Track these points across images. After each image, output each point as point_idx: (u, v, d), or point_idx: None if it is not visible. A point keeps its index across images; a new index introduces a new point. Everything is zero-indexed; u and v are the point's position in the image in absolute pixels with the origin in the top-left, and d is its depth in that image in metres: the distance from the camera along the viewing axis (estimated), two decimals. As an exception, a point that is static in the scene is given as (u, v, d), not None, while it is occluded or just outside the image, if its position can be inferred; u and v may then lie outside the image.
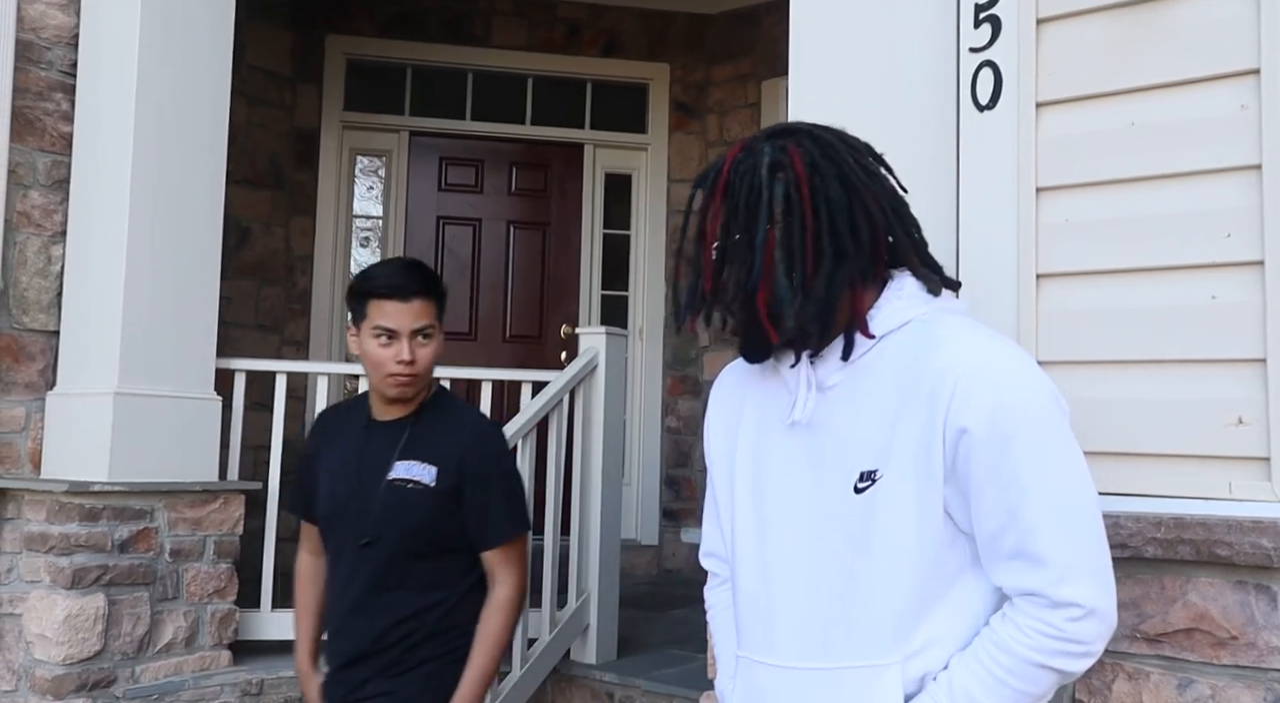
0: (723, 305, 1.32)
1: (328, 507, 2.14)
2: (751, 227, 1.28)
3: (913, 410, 1.26)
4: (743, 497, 1.41)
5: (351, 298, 2.14)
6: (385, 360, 2.07)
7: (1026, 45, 1.83)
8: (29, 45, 3.19)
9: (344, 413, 2.26)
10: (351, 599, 2.10)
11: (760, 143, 1.34)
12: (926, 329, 1.30)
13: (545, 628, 3.54)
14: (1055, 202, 1.82)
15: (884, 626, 1.26)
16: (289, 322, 5.41)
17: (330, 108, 5.53)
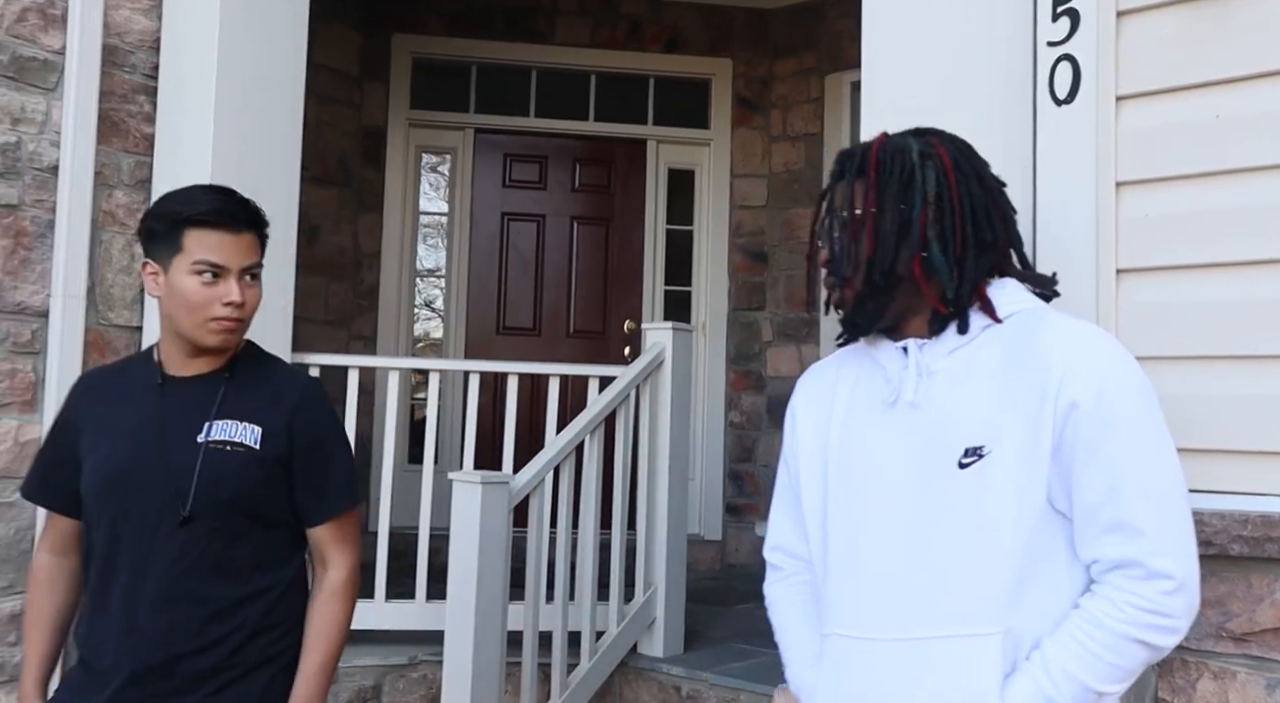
0: (876, 270, 1.40)
1: (107, 481, 1.76)
2: (907, 202, 1.39)
3: (1023, 390, 1.33)
4: (836, 478, 1.46)
5: (156, 225, 1.78)
6: (208, 302, 1.75)
7: (1106, 38, 1.81)
8: (114, 50, 3.29)
9: (116, 374, 1.88)
10: (151, 592, 1.72)
11: (903, 136, 1.46)
12: (1034, 321, 1.39)
13: (613, 621, 3.58)
14: (1136, 196, 1.80)
15: (985, 595, 1.31)
16: (356, 317, 5.51)
17: (397, 106, 5.61)
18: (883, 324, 1.44)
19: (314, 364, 3.80)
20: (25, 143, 3.08)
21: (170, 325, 1.80)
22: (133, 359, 1.93)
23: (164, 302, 1.78)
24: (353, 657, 3.60)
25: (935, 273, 1.39)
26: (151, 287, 1.80)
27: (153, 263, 1.80)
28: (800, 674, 1.53)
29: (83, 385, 1.90)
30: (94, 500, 1.79)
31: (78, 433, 1.82)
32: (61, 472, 1.84)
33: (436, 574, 3.73)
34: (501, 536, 3.10)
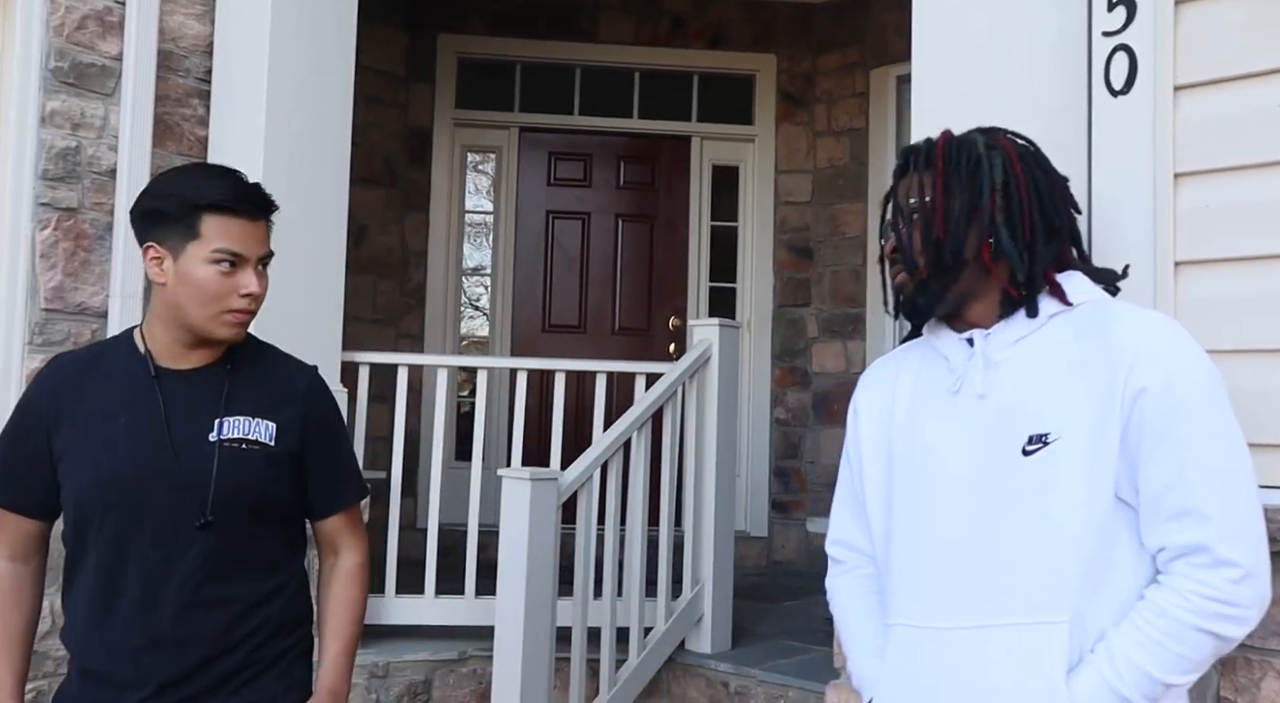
0: (946, 251, 1.41)
1: (108, 484, 1.64)
2: (975, 188, 1.42)
3: (1091, 377, 1.33)
4: (900, 468, 1.47)
5: (167, 207, 1.65)
6: (226, 293, 1.65)
7: (1164, 27, 1.78)
8: (168, 55, 3.35)
9: (90, 363, 1.73)
10: (173, 601, 1.64)
11: (967, 132, 1.49)
12: (1104, 311, 1.40)
13: (661, 617, 3.58)
14: (1194, 187, 1.78)
15: (1052, 584, 1.31)
16: (404, 315, 5.57)
17: (442, 106, 5.66)
18: (945, 308, 1.45)
19: (363, 362, 3.84)
20: (85, 147, 3.15)
21: (173, 314, 1.67)
22: (105, 347, 1.76)
23: (168, 289, 1.66)
24: (403, 652, 3.65)
25: (1004, 256, 1.41)
26: (155, 272, 1.67)
27: (157, 247, 1.66)
28: (862, 665, 1.53)
29: (54, 373, 1.71)
30: (90, 505, 1.64)
31: (52, 427, 1.67)
32: (28, 469, 1.69)
33: (484, 570, 3.76)
34: (550, 532, 3.12)
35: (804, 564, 5.54)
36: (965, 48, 2.12)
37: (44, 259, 3.05)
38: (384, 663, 3.60)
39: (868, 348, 5.54)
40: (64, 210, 3.10)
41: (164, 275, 1.66)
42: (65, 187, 3.11)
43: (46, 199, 3.06)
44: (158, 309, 1.70)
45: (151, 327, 1.71)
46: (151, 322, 1.71)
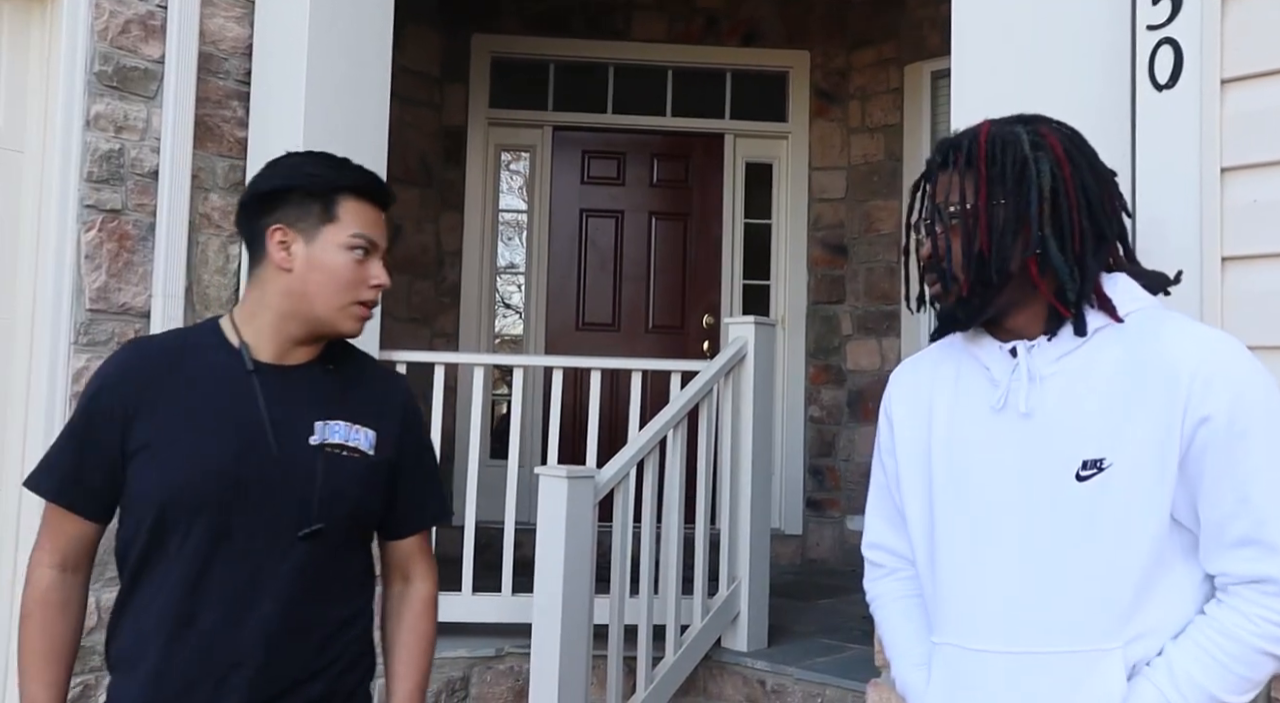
0: (990, 267, 1.33)
1: (202, 484, 1.47)
2: (1021, 196, 1.33)
3: (1146, 400, 1.28)
4: (941, 486, 1.41)
5: (307, 185, 1.53)
6: (358, 282, 1.54)
7: (1211, 20, 1.76)
8: (209, 57, 3.39)
9: (176, 349, 1.55)
10: (267, 620, 1.49)
11: (1010, 125, 1.39)
12: (1154, 323, 1.33)
13: (697, 615, 3.59)
14: (1242, 181, 1.75)
15: (1106, 611, 1.27)
16: (439, 315, 5.60)
17: (476, 106, 5.69)
18: (985, 318, 1.38)
19: (401, 361, 3.87)
20: (128, 149, 3.19)
21: (293, 304, 1.53)
22: (188, 334, 1.59)
23: (294, 276, 1.52)
24: (441, 649, 3.66)
25: (1053, 271, 1.33)
26: (280, 257, 1.52)
27: (286, 229, 1.52)
28: (907, 674, 1.50)
29: (132, 359, 1.53)
30: (177, 507, 1.47)
31: (129, 418, 1.48)
32: (94, 465, 1.50)
33: (520, 568, 3.78)
34: (587, 529, 3.13)
35: (839, 562, 5.52)
36: (1006, 42, 2.11)
37: (89, 260, 3.10)
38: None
39: (903, 345, 5.51)
40: (108, 212, 3.15)
41: (290, 260, 1.52)
42: (109, 188, 3.15)
43: (91, 201, 3.11)
44: (271, 298, 1.53)
45: (254, 318, 1.55)
46: (255, 312, 1.55)
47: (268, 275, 1.54)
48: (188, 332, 1.61)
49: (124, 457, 1.49)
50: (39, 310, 3.06)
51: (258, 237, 1.55)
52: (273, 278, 1.54)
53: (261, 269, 1.55)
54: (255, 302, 1.56)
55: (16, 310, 3.07)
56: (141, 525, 1.49)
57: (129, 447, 1.49)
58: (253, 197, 1.56)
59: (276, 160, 1.60)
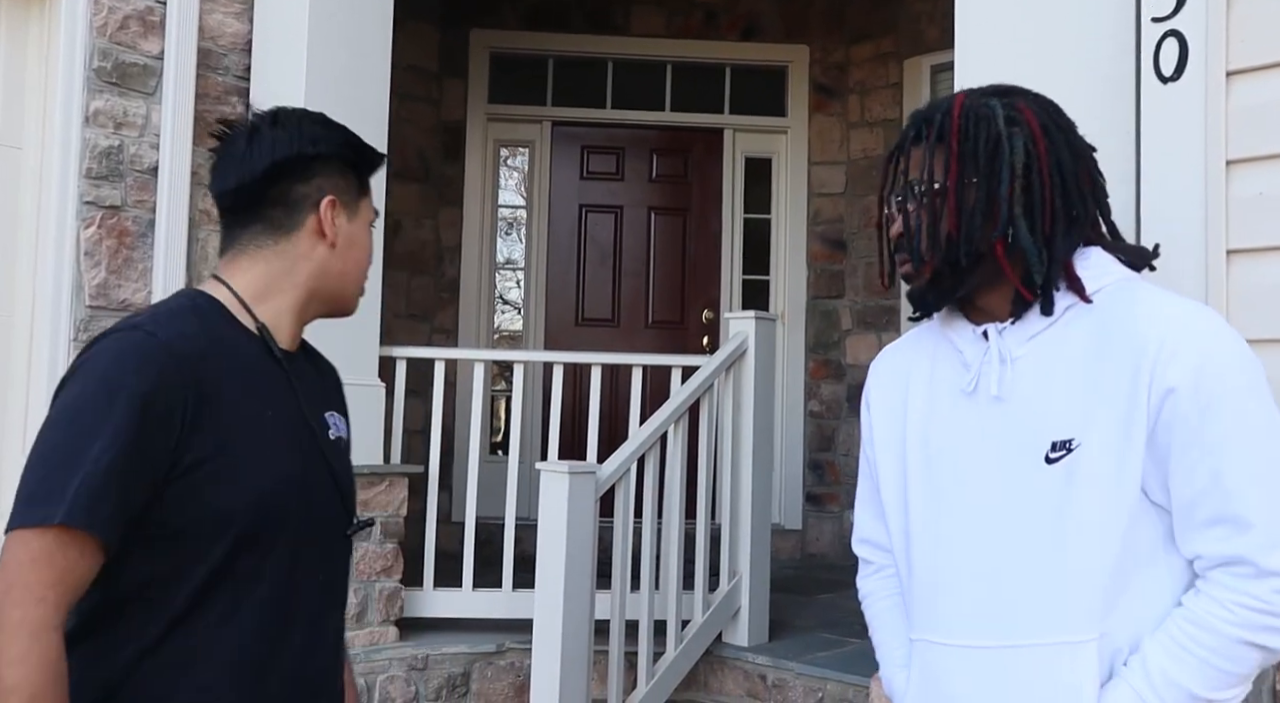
0: (959, 249, 1.28)
1: (284, 496, 1.30)
2: (993, 175, 1.27)
3: (1113, 376, 1.22)
4: (915, 474, 1.36)
5: (356, 156, 1.41)
6: (367, 258, 1.44)
7: (1217, 12, 1.76)
8: (208, 53, 3.39)
9: (211, 339, 1.30)
10: (337, 625, 1.40)
11: (985, 97, 1.33)
12: (1124, 296, 1.27)
13: (698, 610, 3.59)
14: (1247, 174, 1.75)
15: (1079, 601, 1.21)
16: (438, 310, 5.60)
17: (475, 101, 5.68)
18: (954, 298, 1.33)
19: (401, 356, 3.87)
20: (127, 146, 3.19)
21: (324, 284, 1.39)
22: (205, 318, 1.32)
23: (336, 253, 1.38)
24: (442, 644, 3.67)
25: (1021, 254, 1.27)
26: (329, 229, 1.36)
27: (338, 201, 1.37)
28: (892, 676, 1.45)
29: (178, 353, 1.24)
30: (261, 523, 1.27)
31: (189, 424, 1.22)
32: (137, 484, 1.20)
33: (520, 563, 3.78)
34: (588, 525, 3.13)
35: (838, 557, 5.53)
36: (1010, 34, 2.10)
37: (88, 257, 3.10)
38: (423, 655, 3.63)
39: (902, 340, 5.50)
40: (107, 208, 3.14)
41: (335, 235, 1.37)
42: (108, 185, 3.14)
43: (90, 197, 3.10)
44: (302, 275, 1.37)
45: (273, 296, 1.36)
46: (274, 290, 1.36)
47: (302, 249, 1.36)
48: (200, 314, 1.32)
49: (173, 471, 1.22)
50: (39, 307, 3.05)
51: (295, 205, 1.36)
52: (310, 253, 1.36)
53: (292, 241, 1.36)
54: (276, 278, 1.36)
55: (16, 307, 3.06)
56: (207, 553, 1.23)
57: (185, 459, 1.22)
58: (295, 157, 1.35)
59: (299, 118, 1.39)
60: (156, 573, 1.23)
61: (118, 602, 1.23)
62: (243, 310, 1.35)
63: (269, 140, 1.36)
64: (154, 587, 1.23)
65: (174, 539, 1.23)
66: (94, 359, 1.23)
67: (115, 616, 1.23)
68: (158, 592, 1.23)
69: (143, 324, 1.26)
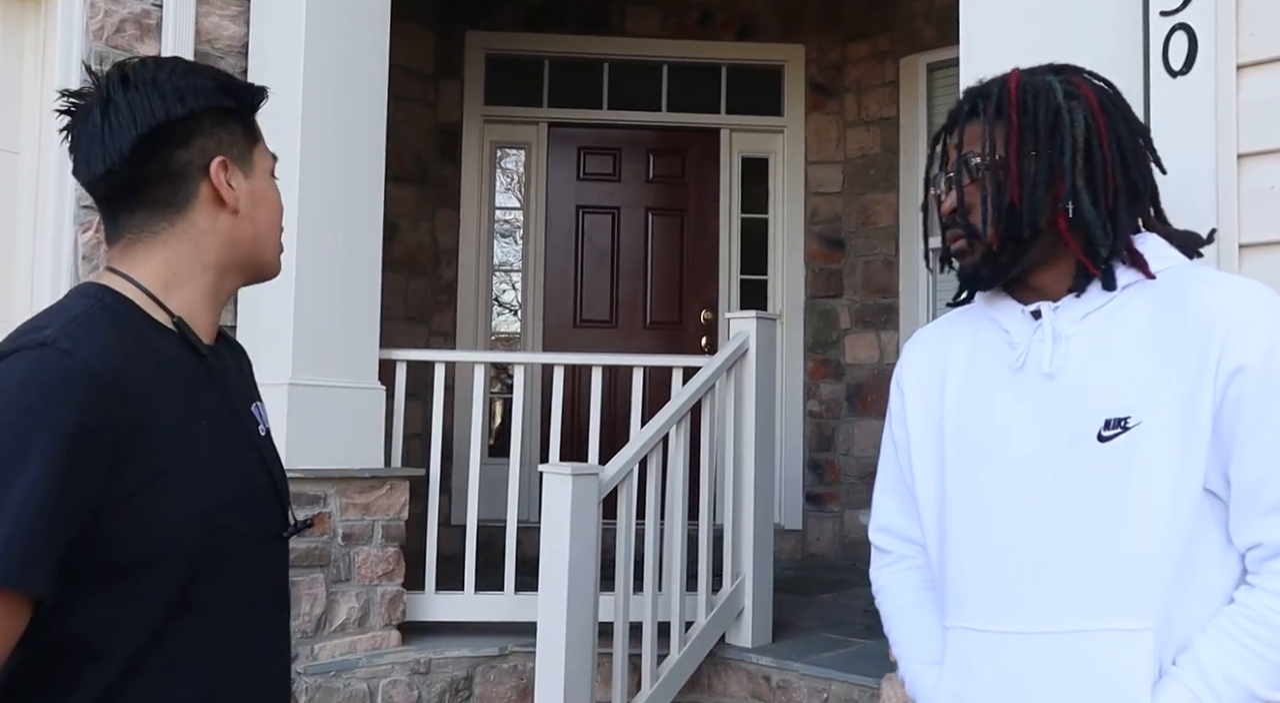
0: (1021, 221, 1.26)
1: (230, 512, 1.16)
2: (1054, 147, 1.26)
3: (1177, 354, 1.19)
4: (953, 453, 1.32)
5: (239, 101, 1.22)
6: (278, 212, 1.28)
7: (1225, 5, 1.74)
8: (204, 56, 3.37)
9: (134, 346, 1.12)
10: (263, 634, 1.23)
11: (1041, 74, 1.32)
12: (1187, 277, 1.25)
13: (701, 611, 3.57)
14: (1259, 167, 1.74)
15: (1135, 586, 1.17)
16: (436, 313, 5.58)
17: (471, 103, 5.66)
18: (1011, 275, 1.30)
19: (401, 360, 3.85)
20: (123, 148, 3.17)
21: (238, 254, 1.23)
22: (115, 319, 1.13)
23: (241, 218, 1.21)
24: (444, 648, 3.65)
25: (1085, 226, 1.25)
26: (228, 195, 1.19)
27: (224, 160, 1.19)
28: (917, 672, 1.38)
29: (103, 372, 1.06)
30: (213, 546, 1.13)
31: (121, 452, 1.06)
32: (68, 527, 1.02)
33: (522, 566, 3.77)
34: (592, 527, 3.11)
35: (839, 557, 5.52)
36: (1015, 30, 2.09)
37: (86, 261, 3.07)
38: (425, 659, 3.61)
39: (901, 338, 5.50)
40: (104, 212, 3.12)
41: (235, 199, 1.20)
42: (105, 188, 3.13)
43: (88, 201, 3.07)
44: (211, 253, 1.20)
45: (183, 283, 1.19)
46: (182, 275, 1.19)
47: (203, 225, 1.19)
48: (109, 319, 1.13)
49: (105, 509, 1.05)
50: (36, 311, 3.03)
51: (182, 175, 1.18)
52: (212, 226, 1.20)
53: (188, 219, 1.19)
54: (181, 262, 1.19)
55: (14, 312, 3.04)
56: (155, 588, 1.09)
57: (119, 494, 1.05)
58: (164, 124, 1.16)
59: (153, 74, 1.18)
60: (97, 619, 1.06)
61: (44, 658, 1.06)
62: (153, 305, 1.17)
63: (126, 109, 1.15)
64: (94, 635, 1.07)
65: (116, 579, 1.07)
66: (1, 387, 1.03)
67: (41, 674, 1.06)
68: (99, 640, 1.07)
69: (54, 339, 1.06)
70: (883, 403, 5.45)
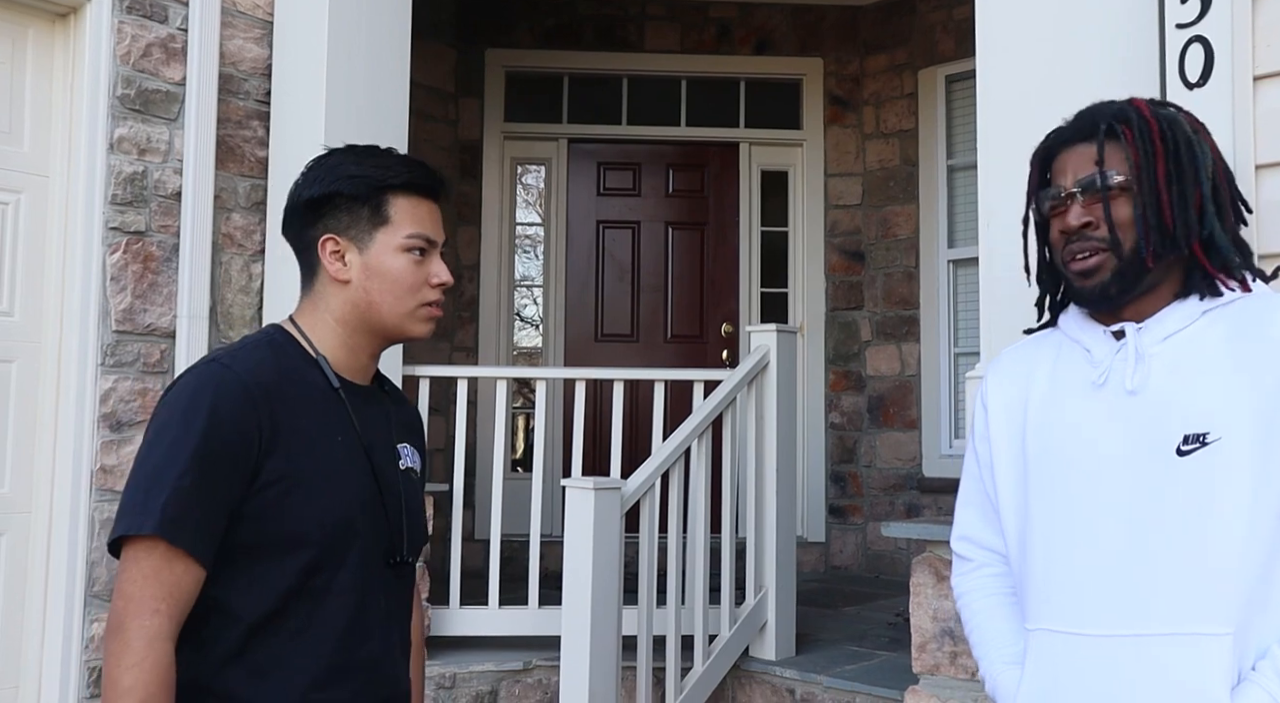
0: (1175, 242, 1.33)
1: (353, 515, 1.40)
2: (1195, 177, 1.35)
3: (1255, 375, 1.26)
4: (1036, 466, 1.38)
5: (353, 190, 1.44)
6: (420, 283, 1.46)
7: (1241, 17, 1.75)
8: (229, 78, 3.42)
9: (282, 368, 1.42)
10: (374, 653, 1.43)
11: (1158, 106, 1.41)
12: (1260, 301, 1.33)
13: (725, 624, 3.57)
14: (1277, 178, 1.74)
15: (1212, 592, 1.23)
16: (458, 329, 5.62)
17: (491, 120, 5.71)
18: (1137, 293, 1.36)
19: (425, 375, 3.88)
20: (151, 172, 3.22)
21: (360, 316, 1.46)
22: (275, 347, 1.45)
23: (353, 287, 1.45)
24: (469, 662, 3.67)
25: (1219, 250, 1.34)
26: (335, 268, 1.45)
27: (338, 239, 1.44)
28: (998, 673, 1.44)
29: (255, 379, 1.37)
30: (335, 540, 1.38)
31: (265, 445, 1.34)
32: (220, 502, 1.33)
33: (545, 580, 3.78)
34: (615, 541, 3.12)
35: (862, 569, 5.50)
36: (1033, 43, 2.10)
37: (114, 282, 3.12)
38: (450, 674, 3.63)
39: (922, 350, 5.49)
40: (132, 234, 3.17)
41: (347, 271, 1.44)
42: (133, 211, 3.17)
43: (115, 223, 3.13)
44: (334, 312, 1.46)
45: (322, 334, 1.47)
46: (322, 328, 1.47)
47: (326, 288, 1.47)
48: (272, 344, 1.45)
49: (249, 494, 1.34)
50: (66, 333, 3.08)
51: (309, 248, 1.47)
52: (331, 291, 1.46)
53: (317, 282, 1.48)
54: (318, 315, 1.47)
55: (44, 333, 3.09)
56: (285, 568, 1.35)
57: (260, 481, 1.34)
58: (298, 206, 1.47)
59: (318, 160, 1.50)
60: (237, 587, 1.34)
61: (203, 613, 1.34)
62: (306, 342, 1.46)
63: (291, 190, 1.49)
64: (232, 600, 1.34)
65: (251, 556, 1.35)
66: (175, 391, 1.37)
67: (201, 625, 1.34)
68: (237, 604, 1.34)
69: (219, 357, 1.40)
70: (904, 414, 5.47)
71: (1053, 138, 1.42)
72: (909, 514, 5.37)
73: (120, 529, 1.31)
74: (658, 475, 3.35)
